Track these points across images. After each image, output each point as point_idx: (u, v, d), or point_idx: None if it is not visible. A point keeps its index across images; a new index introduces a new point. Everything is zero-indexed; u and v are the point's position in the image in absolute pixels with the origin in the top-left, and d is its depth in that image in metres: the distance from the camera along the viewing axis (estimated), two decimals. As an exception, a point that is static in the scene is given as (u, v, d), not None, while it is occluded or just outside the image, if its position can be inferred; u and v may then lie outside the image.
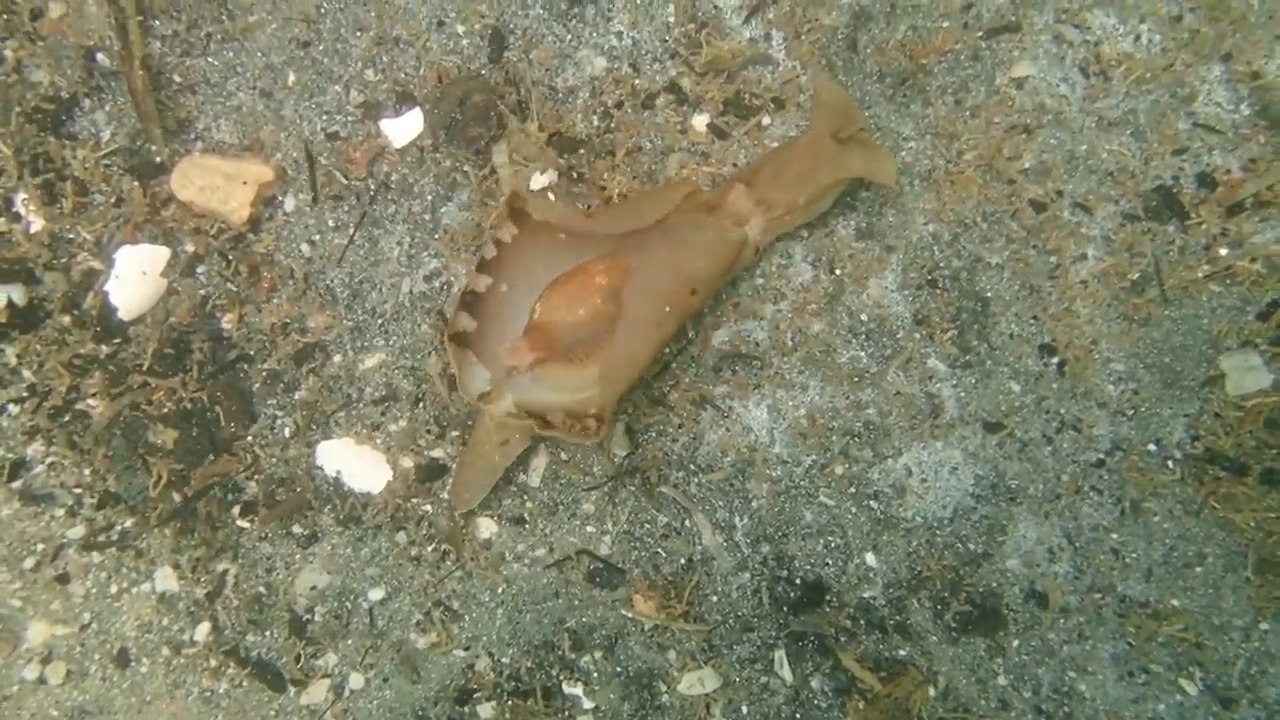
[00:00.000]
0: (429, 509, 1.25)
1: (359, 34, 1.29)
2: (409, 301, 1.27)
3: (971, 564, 1.22)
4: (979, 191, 1.27)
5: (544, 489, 1.26)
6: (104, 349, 1.25)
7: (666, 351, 1.26)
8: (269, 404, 1.27)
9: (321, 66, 1.29)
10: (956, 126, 1.27)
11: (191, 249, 1.27)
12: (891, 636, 1.21)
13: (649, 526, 1.24)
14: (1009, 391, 1.24)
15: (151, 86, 1.26)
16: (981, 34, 1.28)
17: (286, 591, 1.24)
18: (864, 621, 1.21)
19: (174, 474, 1.24)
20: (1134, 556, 1.21)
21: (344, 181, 1.28)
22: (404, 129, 1.28)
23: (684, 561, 1.23)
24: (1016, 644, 1.20)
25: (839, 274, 1.27)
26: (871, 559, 1.22)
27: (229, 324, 1.27)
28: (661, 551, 1.24)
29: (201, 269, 1.27)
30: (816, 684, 1.21)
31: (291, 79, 1.29)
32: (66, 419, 1.25)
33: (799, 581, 1.22)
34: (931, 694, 1.20)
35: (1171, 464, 1.22)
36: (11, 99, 1.25)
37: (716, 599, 1.23)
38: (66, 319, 1.25)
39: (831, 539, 1.23)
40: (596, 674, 1.22)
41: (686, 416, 1.25)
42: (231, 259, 1.27)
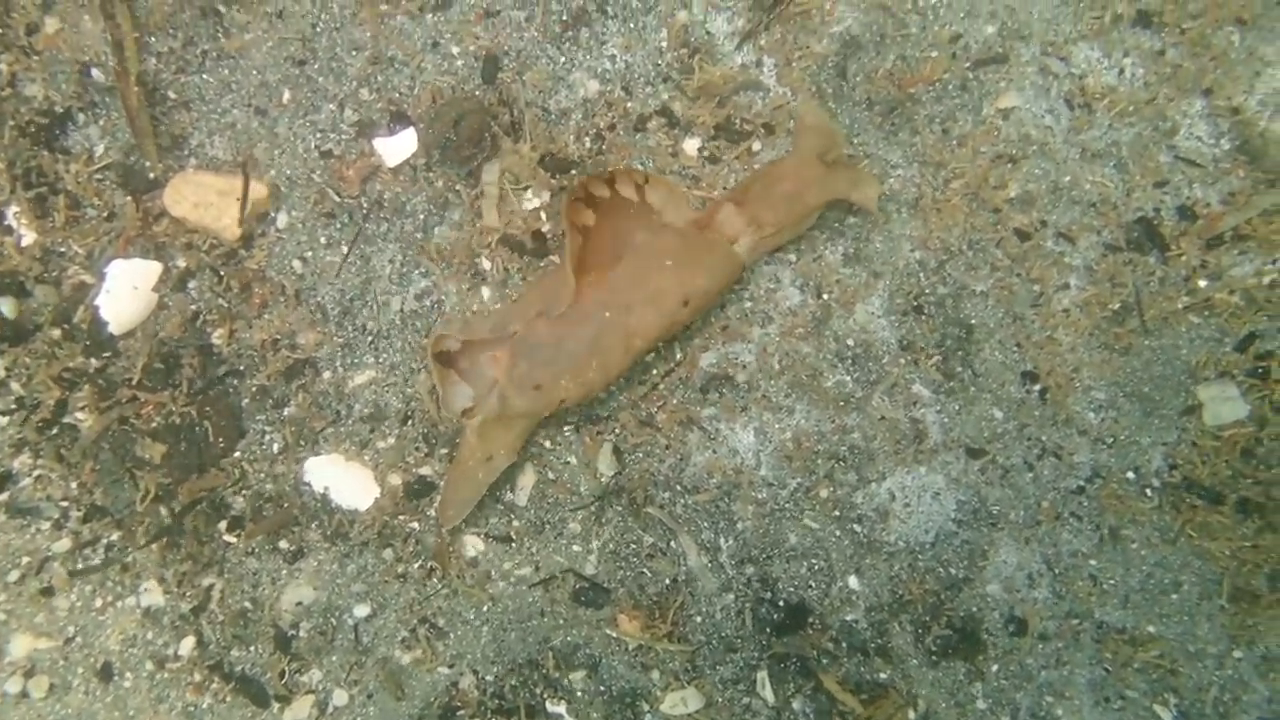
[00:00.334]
0: (416, 526, 1.26)
1: (354, 53, 1.30)
2: (399, 319, 1.28)
3: (952, 588, 1.23)
4: (965, 220, 1.29)
5: (531, 508, 1.26)
6: (94, 363, 1.26)
7: (654, 372, 1.28)
8: (258, 419, 1.27)
9: (316, 85, 1.30)
10: (943, 155, 1.29)
11: (183, 264, 1.28)
12: (873, 659, 1.22)
13: (634, 546, 1.25)
14: (991, 418, 1.26)
15: (146, 103, 1.26)
16: (969, 65, 1.30)
17: (272, 607, 1.25)
18: (846, 644, 1.22)
19: (161, 488, 1.25)
20: (1112, 583, 1.23)
21: (337, 199, 1.29)
22: (398, 148, 1.29)
23: (669, 582, 1.24)
24: (995, 668, 1.22)
25: (826, 299, 1.28)
26: (854, 582, 1.23)
27: (219, 339, 1.27)
28: (647, 571, 1.25)
29: (193, 284, 1.28)
30: (798, 705, 1.22)
31: (286, 97, 1.29)
32: (54, 432, 1.25)
33: (782, 603, 1.23)
34: (911, 717, 1.21)
35: (1150, 492, 1.24)
36: (5, 112, 1.25)
37: (700, 619, 1.24)
38: (57, 332, 1.25)
39: (815, 561, 1.24)
40: (580, 693, 1.22)
41: (674, 438, 1.26)
42: (223, 274, 1.28)
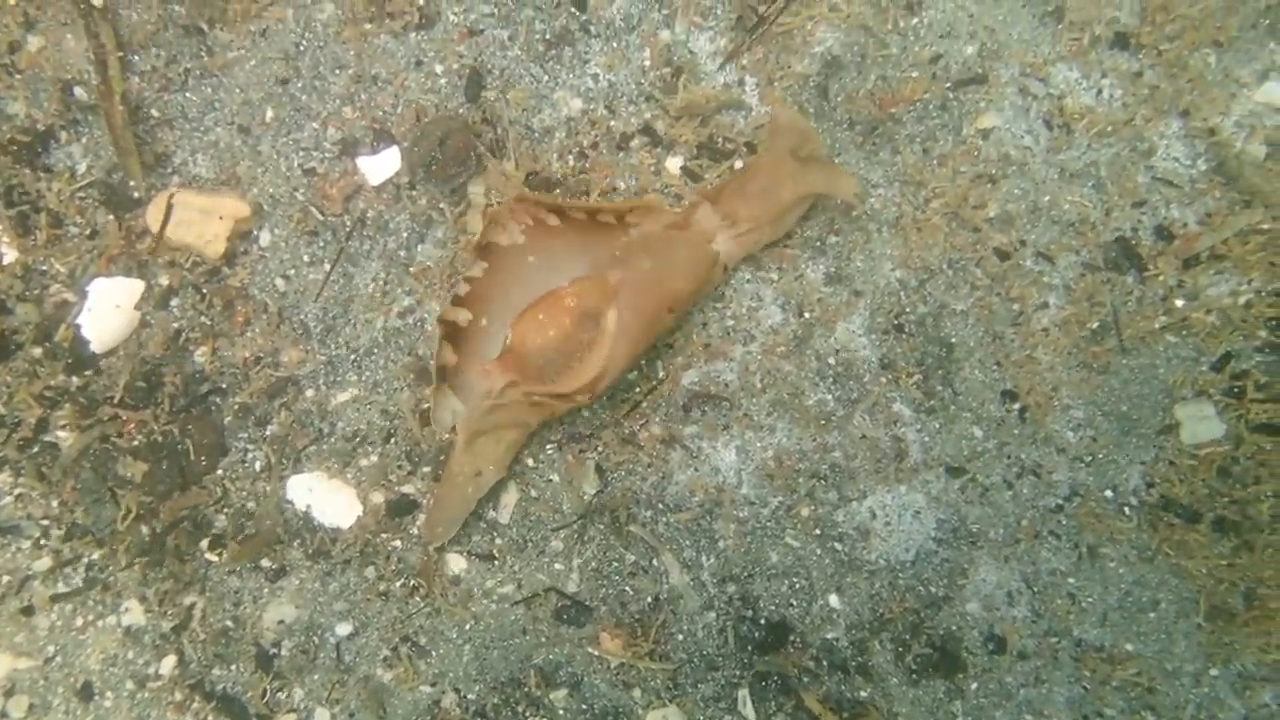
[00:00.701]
0: (398, 544, 1.26)
1: (338, 72, 1.31)
2: (382, 338, 1.28)
3: (932, 607, 1.24)
4: (945, 239, 1.30)
5: (513, 526, 1.27)
6: (75, 381, 1.26)
7: (637, 390, 1.28)
8: (240, 438, 1.27)
9: (300, 103, 1.30)
10: (924, 175, 1.30)
11: (166, 282, 1.28)
12: (853, 678, 1.23)
13: (617, 565, 1.26)
14: (971, 436, 1.27)
15: (130, 121, 1.26)
16: (949, 85, 1.31)
17: (254, 625, 1.25)
18: (826, 662, 1.23)
19: (143, 507, 1.24)
20: (1090, 601, 1.24)
21: (320, 217, 1.29)
22: (381, 166, 1.29)
23: (651, 600, 1.25)
24: (975, 686, 1.23)
25: (808, 317, 1.29)
26: (835, 600, 1.24)
27: (202, 357, 1.27)
28: (629, 590, 1.25)
29: (175, 302, 1.28)
30: (779, 723, 1.23)
31: (270, 115, 1.30)
32: (35, 450, 1.25)
33: (764, 621, 1.24)
34: (892, 734, 1.22)
35: (1128, 510, 1.25)
36: (-13, 131, 1.25)
37: (682, 638, 1.24)
38: (38, 351, 1.25)
39: (796, 580, 1.25)
40: (562, 711, 1.23)
41: (656, 456, 1.27)
42: (206, 293, 1.28)
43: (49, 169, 1.27)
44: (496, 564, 1.26)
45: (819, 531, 1.25)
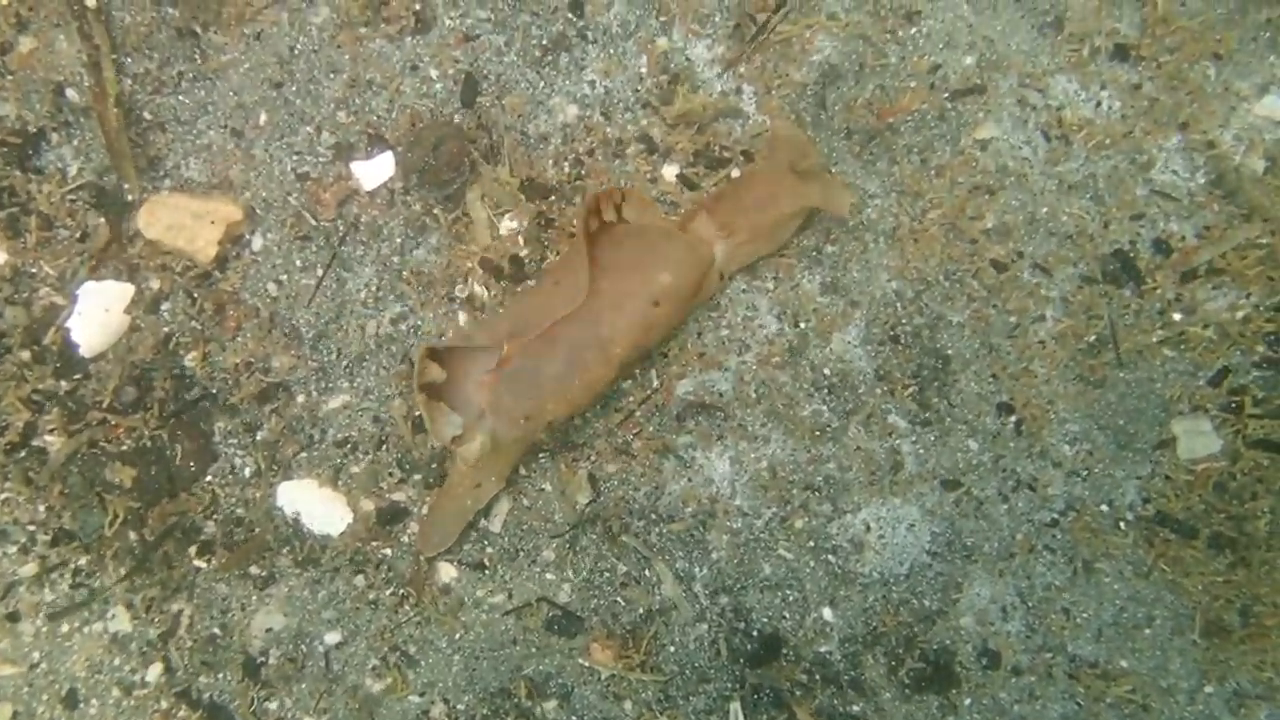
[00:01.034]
0: (388, 552, 1.25)
1: (332, 76, 1.30)
2: (375, 344, 1.27)
3: (926, 621, 1.23)
4: (942, 250, 1.29)
5: (505, 535, 1.26)
6: (64, 385, 1.24)
7: (630, 400, 1.27)
8: (230, 444, 1.26)
9: (293, 107, 1.29)
10: (921, 185, 1.29)
11: (157, 286, 1.27)
12: (846, 692, 1.22)
13: (609, 575, 1.25)
14: (967, 449, 1.26)
15: (125, 124, 1.25)
16: (948, 95, 1.31)
17: (241, 633, 1.23)
18: (819, 676, 1.22)
19: (131, 513, 1.23)
20: (1085, 617, 1.23)
21: (313, 222, 1.28)
22: (375, 171, 1.28)
23: (643, 611, 1.24)
24: (968, 702, 1.22)
25: (803, 327, 1.28)
26: (828, 613, 1.23)
27: (192, 362, 1.26)
28: (621, 600, 1.24)
29: (166, 306, 1.27)
30: (771, 737, 1.21)
31: (263, 119, 1.29)
32: (22, 455, 1.24)
33: (756, 634, 1.23)
34: (884, 749, 1.21)
35: (1123, 525, 1.24)
36: (-22, 132, 1.24)
37: (674, 649, 1.23)
38: (26, 354, 1.24)
39: (789, 592, 1.24)
40: (552, 723, 1.22)
41: (649, 466, 1.26)
42: (197, 297, 1.27)
43: (40, 171, 1.26)
44: (487, 573, 1.25)
45: (813, 543, 1.24)
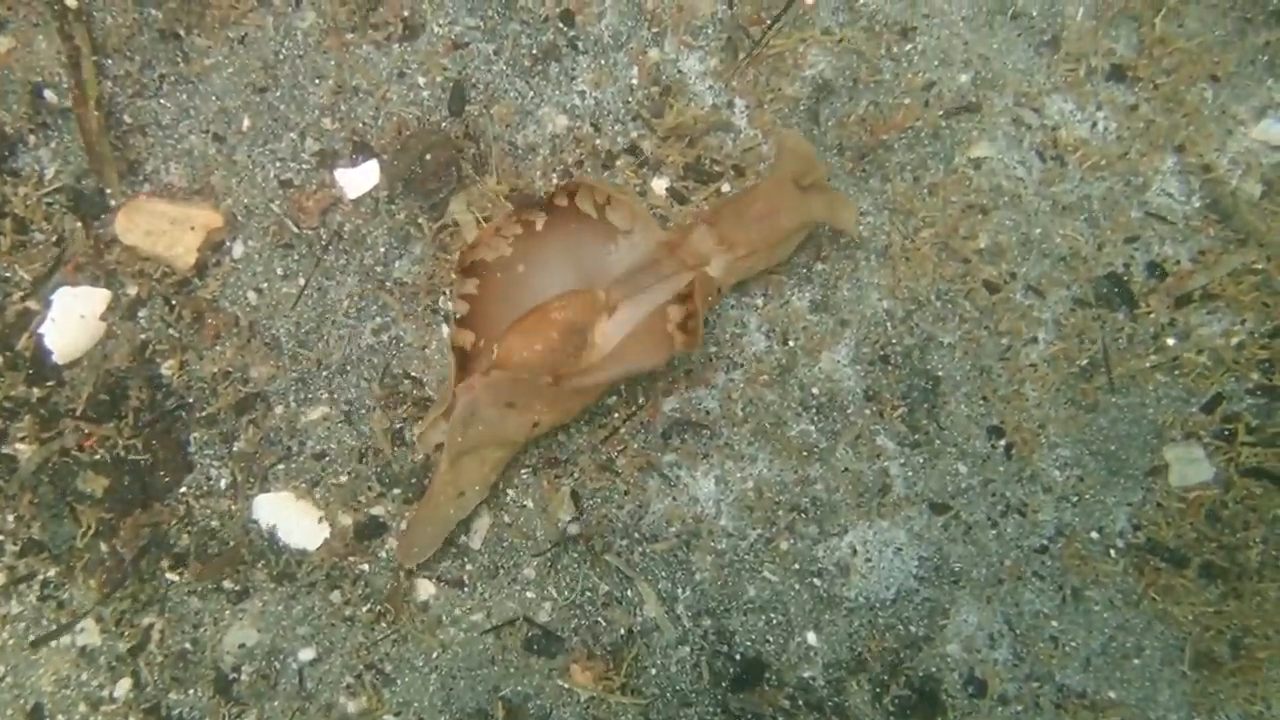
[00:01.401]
0: (366, 568, 1.22)
1: (317, 82, 1.28)
2: (356, 355, 1.25)
3: (912, 647, 1.21)
4: (934, 270, 1.27)
5: (485, 551, 1.23)
6: (36, 392, 1.22)
7: (616, 416, 1.25)
8: (206, 454, 1.23)
9: (277, 113, 1.27)
10: (914, 203, 1.28)
11: (134, 292, 1.24)
12: (830, 718, 1.19)
13: (590, 595, 1.22)
14: (956, 473, 1.24)
15: (106, 127, 1.23)
16: (942, 113, 1.29)
17: (213, 649, 1.21)
18: (803, 701, 1.20)
19: (102, 523, 1.21)
20: (1073, 645, 1.21)
21: (295, 230, 1.26)
22: (359, 179, 1.26)
23: (624, 632, 1.21)
24: (954, 731, 1.20)
25: (792, 345, 1.26)
26: (812, 638, 1.21)
27: (169, 370, 1.24)
28: (602, 621, 1.22)
29: (143, 313, 1.24)
30: (752, 763, 1.19)
31: (246, 124, 1.27)
32: (-8, 463, 1.21)
33: (739, 657, 1.21)
34: (867, 777, 1.19)
35: (1113, 553, 1.22)
36: (-47, 132, 1.22)
37: (655, 672, 1.21)
38: (-2, 360, 1.22)
39: (773, 615, 1.21)
40: (529, 745, 1.19)
41: (633, 484, 1.24)
42: (175, 304, 1.24)
43: (16, 173, 1.24)
44: (466, 591, 1.22)
45: (798, 566, 1.22)
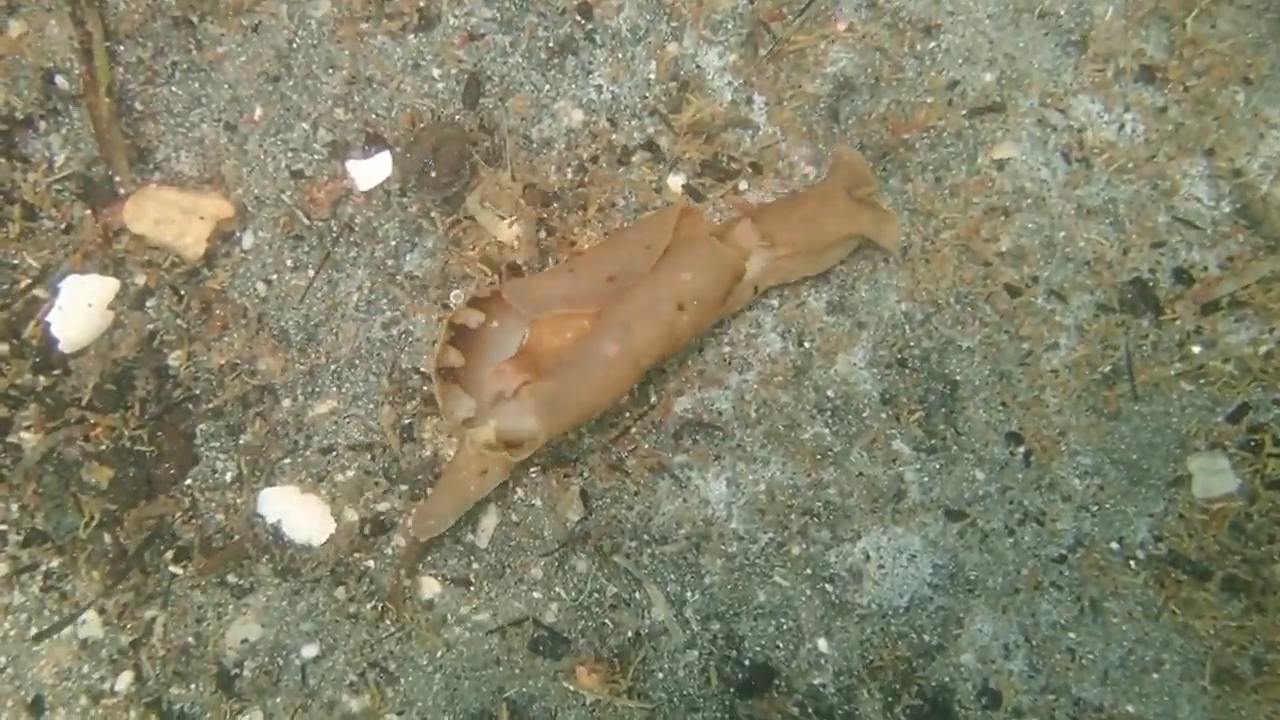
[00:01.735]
0: (371, 564, 1.21)
1: (331, 72, 1.26)
2: (365, 349, 1.24)
3: (925, 656, 1.18)
4: (954, 272, 1.25)
5: (491, 550, 1.22)
6: (42, 381, 1.21)
7: (627, 415, 1.23)
8: (212, 446, 1.22)
9: (290, 102, 1.25)
10: (935, 204, 1.25)
11: (142, 281, 1.23)
12: (839, 727, 1.17)
13: (598, 596, 1.20)
14: (973, 479, 1.22)
15: (117, 114, 1.22)
16: (965, 113, 1.26)
17: (216, 643, 1.19)
18: (812, 709, 1.17)
19: (106, 514, 1.19)
20: (1091, 658, 1.18)
21: (306, 221, 1.24)
22: (371, 171, 1.25)
23: (631, 635, 1.19)
24: (967, 743, 1.17)
25: (808, 347, 1.24)
26: (823, 644, 1.19)
27: (176, 361, 1.23)
28: (609, 623, 1.20)
29: (151, 303, 1.23)
30: (760, 771, 1.17)
31: (258, 113, 1.25)
32: (-3, 451, 1.20)
33: (748, 663, 1.18)
34: (877, 788, 1.16)
35: (1133, 564, 1.20)
36: (-37, 117, 1.21)
37: (662, 676, 1.19)
38: (4, 348, 1.20)
39: (784, 621, 1.19)
40: (533, 748, 1.18)
41: (643, 484, 1.22)
42: (183, 294, 1.23)
43: (25, 159, 1.23)
44: (472, 590, 1.21)
45: (810, 571, 1.20)
